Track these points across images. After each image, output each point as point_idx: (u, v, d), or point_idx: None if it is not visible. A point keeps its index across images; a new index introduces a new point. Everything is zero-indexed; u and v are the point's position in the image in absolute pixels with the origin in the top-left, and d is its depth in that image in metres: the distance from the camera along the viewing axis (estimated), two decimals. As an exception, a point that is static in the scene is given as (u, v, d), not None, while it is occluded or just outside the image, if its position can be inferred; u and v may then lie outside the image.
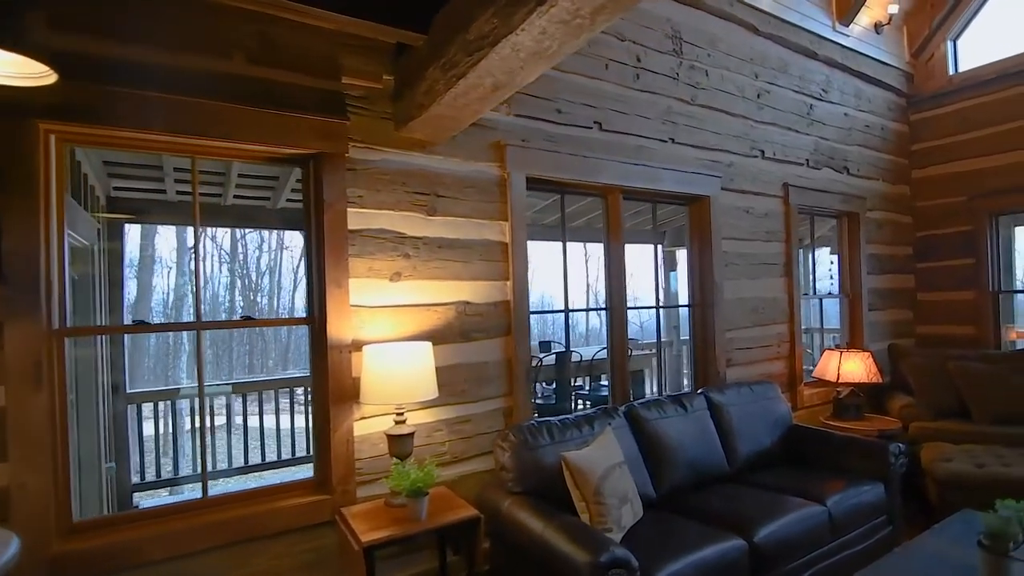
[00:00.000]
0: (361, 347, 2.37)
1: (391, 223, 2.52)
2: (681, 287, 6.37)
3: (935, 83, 5.02)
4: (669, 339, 6.59)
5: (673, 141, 3.54)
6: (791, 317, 4.14)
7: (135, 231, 11.98)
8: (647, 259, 3.91)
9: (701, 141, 3.69)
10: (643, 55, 3.40)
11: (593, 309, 8.06)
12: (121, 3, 2.01)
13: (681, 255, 6.30)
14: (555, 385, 5.53)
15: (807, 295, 4.66)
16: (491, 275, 2.80)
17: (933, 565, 1.98)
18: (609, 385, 3.55)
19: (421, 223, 2.60)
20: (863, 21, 4.63)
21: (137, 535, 2.03)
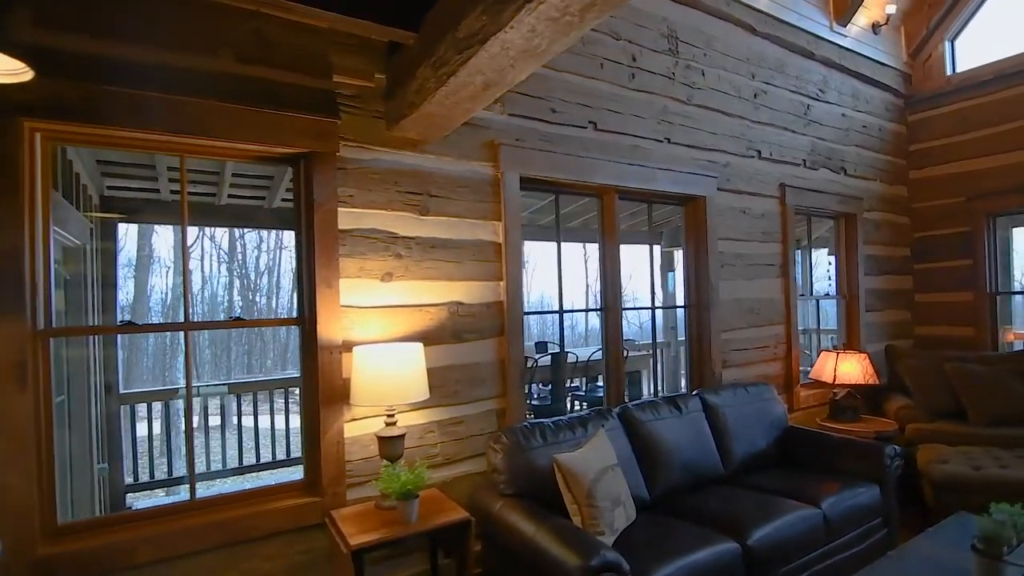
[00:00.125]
0: (352, 348, 2.35)
1: (383, 223, 2.50)
2: (678, 288, 6.35)
3: (933, 83, 5.00)
4: (667, 340, 6.57)
5: (669, 141, 3.52)
6: (788, 318, 4.12)
7: (132, 230, 11.94)
8: (645, 260, 3.89)
9: (697, 141, 3.67)
10: (639, 54, 3.38)
11: (588, 310, 8.03)
12: (108, 1, 2.00)
13: (679, 256, 6.28)
14: (551, 386, 5.51)
15: (804, 296, 4.63)
16: (484, 275, 2.78)
17: (927, 569, 1.97)
18: (604, 386, 3.53)
19: (413, 223, 2.58)
20: (861, 21, 4.61)
21: (124, 537, 2.01)
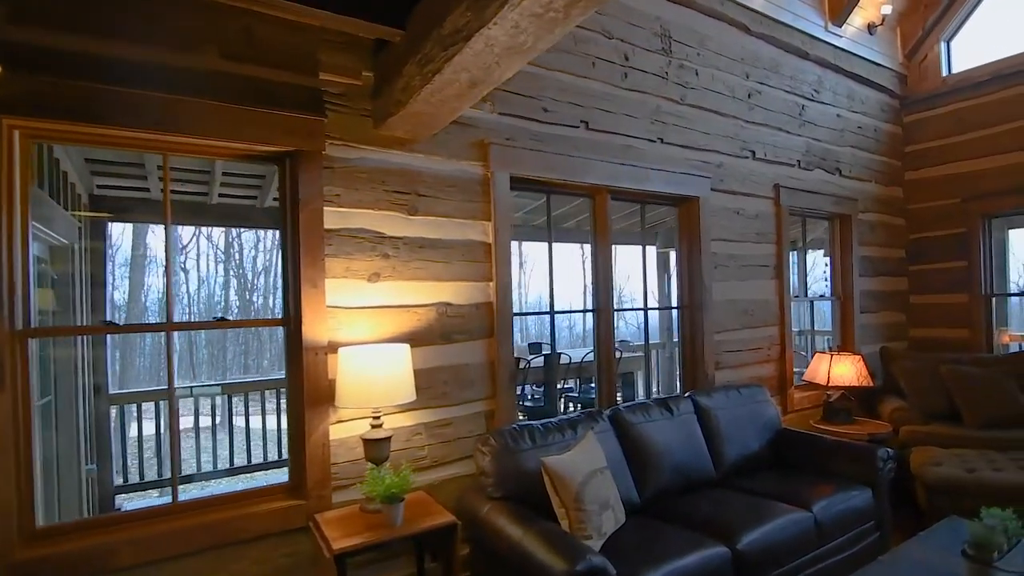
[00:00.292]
0: (337, 349, 2.32)
1: (370, 222, 2.47)
2: (673, 288, 6.32)
3: (928, 84, 4.99)
4: (663, 341, 6.54)
5: (662, 141, 3.50)
6: (782, 319, 4.10)
7: (128, 230, 11.89)
8: (641, 260, 3.87)
9: (690, 141, 3.64)
10: (631, 53, 3.35)
11: (580, 311, 8.01)
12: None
13: (673, 256, 6.25)
14: (544, 387, 5.48)
15: (798, 298, 4.61)
16: (473, 276, 2.75)
17: (917, 574, 1.94)
18: (596, 388, 3.50)
19: (401, 223, 2.55)
20: (856, 22, 4.59)
21: (106, 540, 1.97)
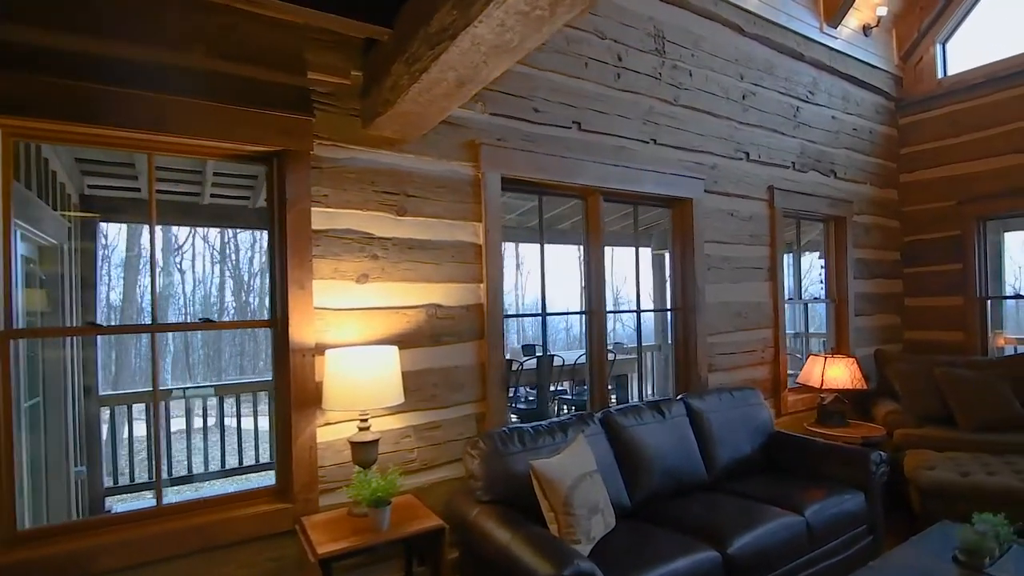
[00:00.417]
0: (325, 351, 2.29)
1: (358, 223, 2.45)
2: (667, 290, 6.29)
3: (924, 86, 4.98)
4: (658, 343, 6.52)
5: (655, 142, 3.48)
6: (775, 322, 4.08)
7: (122, 230, 11.84)
8: (640, 262, 3.86)
9: (684, 142, 3.63)
10: (624, 54, 3.34)
11: (572, 313, 7.99)
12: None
13: (667, 258, 6.24)
14: (537, 390, 5.46)
15: (792, 300, 4.59)
16: (464, 277, 2.73)
17: (908, 580, 1.92)
18: (588, 390, 3.48)
19: (390, 223, 2.53)
20: (851, 23, 4.58)
21: (90, 544, 1.94)
